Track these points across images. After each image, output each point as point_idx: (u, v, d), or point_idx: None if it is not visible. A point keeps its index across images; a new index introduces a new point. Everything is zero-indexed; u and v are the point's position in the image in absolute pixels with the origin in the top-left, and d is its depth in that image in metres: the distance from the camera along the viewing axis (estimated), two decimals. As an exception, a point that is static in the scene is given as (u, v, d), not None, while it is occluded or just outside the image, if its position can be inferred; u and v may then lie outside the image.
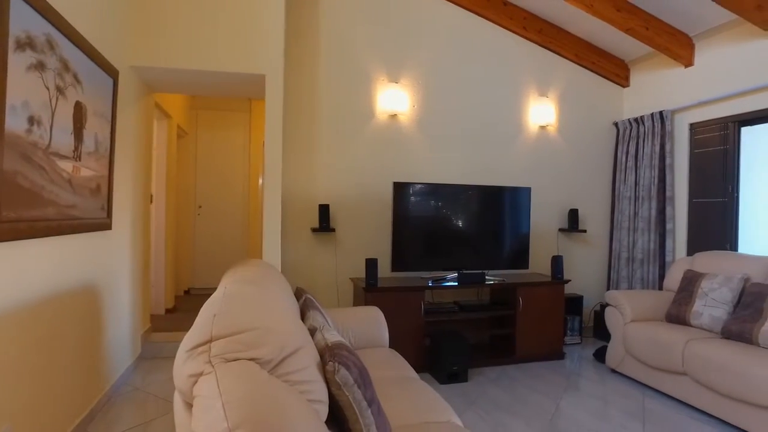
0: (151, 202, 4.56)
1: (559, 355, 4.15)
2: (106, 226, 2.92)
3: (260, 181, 6.42)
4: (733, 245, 4.06)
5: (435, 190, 4.12)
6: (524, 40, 4.74)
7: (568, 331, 4.57)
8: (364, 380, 1.37)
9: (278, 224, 3.54)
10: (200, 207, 6.43)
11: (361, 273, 4.16)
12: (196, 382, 1.04)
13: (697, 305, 3.39)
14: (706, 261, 3.70)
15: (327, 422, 1.32)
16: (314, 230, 4.05)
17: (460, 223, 4.18)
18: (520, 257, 4.30)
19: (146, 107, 3.87)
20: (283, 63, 3.52)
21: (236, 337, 1.11)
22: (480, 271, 4.03)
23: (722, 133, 4.14)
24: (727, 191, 4.09)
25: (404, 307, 3.70)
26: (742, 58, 3.98)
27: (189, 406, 1.10)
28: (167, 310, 5.09)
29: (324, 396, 1.26)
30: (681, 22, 4.23)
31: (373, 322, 2.95)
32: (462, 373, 3.59)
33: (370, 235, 4.26)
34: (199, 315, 1.21)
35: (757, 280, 3.29)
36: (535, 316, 4.05)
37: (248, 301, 1.31)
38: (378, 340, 2.92)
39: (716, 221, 4.18)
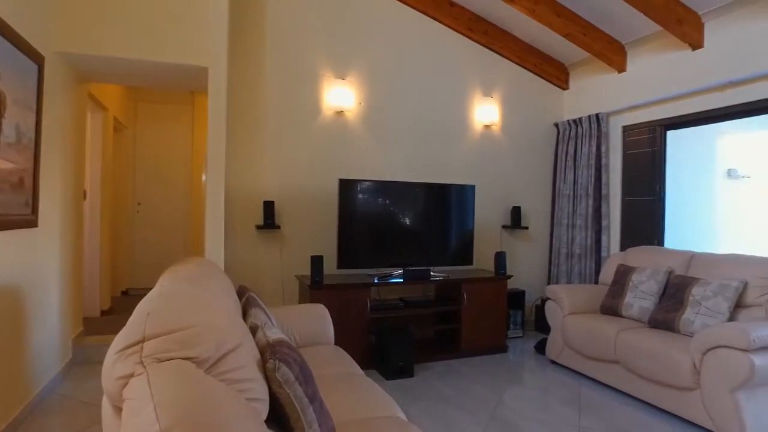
0: (85, 198, 4.31)
1: (503, 349, 4.28)
2: (30, 223, 2.73)
3: (204, 177, 6.22)
4: (660, 241, 4.32)
5: (381, 187, 4.13)
6: (470, 41, 4.84)
7: (511, 325, 4.71)
8: (305, 377, 1.35)
9: (221, 222, 3.44)
10: (139, 204, 6.15)
11: (307, 270, 4.11)
12: (126, 384, 0.99)
13: (628, 297, 3.59)
14: (637, 256, 3.92)
15: (268, 420, 1.30)
16: (259, 228, 3.96)
17: (406, 220, 4.21)
18: (464, 253, 4.39)
19: (78, 97, 3.65)
20: (226, 55, 3.42)
21: (170, 336, 1.06)
22: (425, 268, 4.08)
23: (651, 135, 4.40)
24: (655, 190, 4.35)
25: (350, 304, 3.69)
26: (667, 67, 4.23)
27: (118, 410, 1.04)
28: (102, 312, 4.83)
29: (264, 394, 1.23)
30: (615, 30, 4.45)
31: (318, 320, 2.93)
32: (408, 368, 3.63)
33: (316, 233, 4.22)
34: (132, 314, 1.15)
35: (679, 272, 3.52)
36: (479, 311, 4.15)
37: (185, 300, 1.26)
38: (323, 337, 2.90)
39: (646, 218, 4.43)
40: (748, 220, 6.21)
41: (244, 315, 2.06)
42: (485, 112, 4.87)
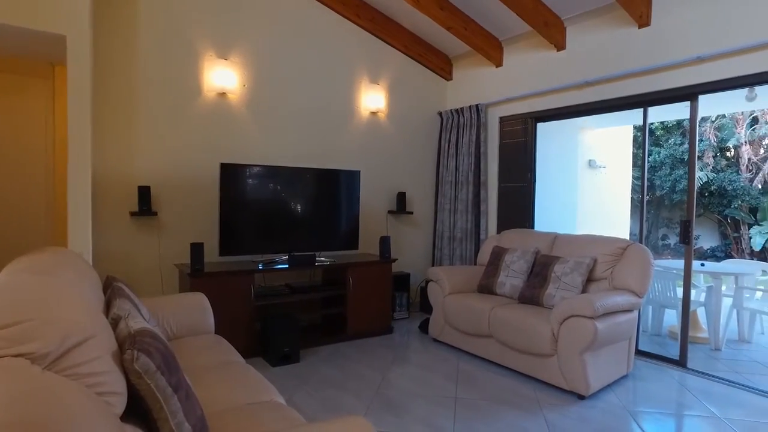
0: None
1: (389, 330, 4.43)
2: None
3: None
4: (530, 224, 4.72)
5: (265, 172, 4.04)
6: (357, 27, 4.86)
7: (397, 307, 4.89)
8: (168, 366, 1.29)
9: (88, 209, 3.14)
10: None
11: (188, 259, 3.91)
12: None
13: (501, 276, 3.89)
14: (510, 238, 4.26)
15: (127, 414, 1.23)
16: (134, 214, 3.68)
17: (291, 206, 4.17)
18: (350, 238, 4.45)
19: None
20: (89, 23, 3.09)
21: (1, 332, 0.96)
22: (311, 253, 4.07)
23: (523, 127, 4.77)
24: (526, 177, 4.73)
25: (233, 291, 3.58)
26: (537, 65, 4.61)
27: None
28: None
29: (120, 387, 1.16)
30: (493, 26, 4.74)
31: (197, 309, 2.81)
32: (294, 354, 3.62)
33: (196, 219, 4.02)
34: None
35: (545, 252, 3.89)
36: (365, 295, 4.24)
37: (24, 292, 1.14)
38: (203, 327, 2.79)
39: (519, 203, 4.81)
40: (603, 205, 7.02)
41: (109, 306, 1.91)
42: (372, 99, 4.94)
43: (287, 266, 3.90)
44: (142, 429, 1.24)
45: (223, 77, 4.04)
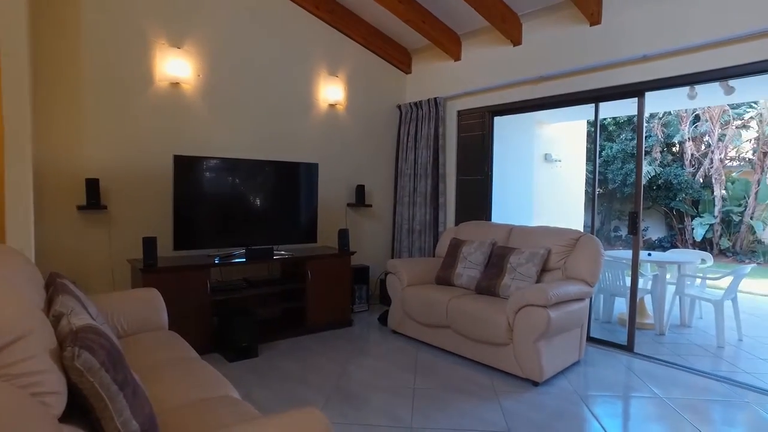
0: None
1: (348, 323, 4.42)
2: None
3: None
4: (488, 216, 4.80)
5: (221, 164, 3.95)
6: (316, 18, 4.79)
7: (357, 300, 4.89)
8: (114, 363, 1.25)
9: (29, 201, 2.97)
10: None
11: (140, 254, 3.78)
12: None
13: (459, 268, 3.94)
14: (467, 230, 4.32)
15: (68, 414, 1.18)
16: (81, 208, 3.52)
17: (248, 199, 4.09)
18: (309, 231, 4.41)
19: None
20: (25, 13, 2.91)
21: None
22: (268, 247, 4.01)
23: (481, 120, 4.84)
24: (483, 170, 4.81)
25: (188, 286, 3.49)
26: (494, 59, 4.68)
27: None
28: None
29: (59, 386, 1.11)
30: (451, 20, 4.77)
31: (149, 305, 2.73)
32: (252, 348, 3.57)
33: (149, 213, 3.88)
34: None
35: (501, 243, 3.97)
36: (324, 288, 4.22)
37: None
38: (155, 323, 2.71)
39: (476, 196, 4.89)
40: (559, 197, 7.23)
41: (51, 304, 1.83)
42: (331, 91, 4.90)
43: (245, 260, 3.83)
44: (84, 429, 1.19)
45: (176, 66, 3.91)
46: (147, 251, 3.39)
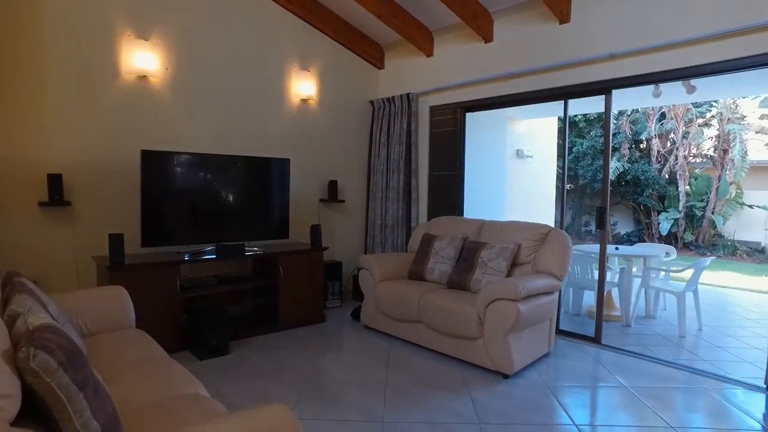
0: None
1: (321, 319, 4.41)
2: None
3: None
4: (460, 211, 4.85)
5: (191, 159, 3.87)
6: (288, 12, 4.73)
7: (330, 296, 4.88)
8: (73, 363, 1.21)
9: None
10: None
11: (107, 251, 3.69)
12: None
13: (431, 263, 3.97)
14: (439, 225, 4.35)
15: (25, 417, 1.15)
16: (43, 205, 3.40)
17: (218, 194, 4.03)
18: (280, 227, 4.38)
19: None
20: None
21: None
22: (239, 243, 3.96)
23: (453, 116, 4.87)
24: (456, 166, 4.85)
25: (157, 284, 3.42)
26: (466, 56, 4.71)
27: None
28: None
29: (12, 389, 1.08)
30: (423, 16, 4.78)
31: (115, 303, 2.68)
32: (223, 346, 3.53)
33: (116, 209, 3.78)
34: None
35: (472, 238, 4.01)
36: (297, 284, 4.19)
37: None
38: (122, 321, 2.66)
39: (449, 191, 4.92)
40: (530, 193, 7.34)
41: (6, 303, 1.76)
42: (303, 86, 4.85)
43: (215, 257, 3.78)
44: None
45: (143, 59, 3.81)
46: (113, 248, 3.30)
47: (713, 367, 3.49)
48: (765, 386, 3.07)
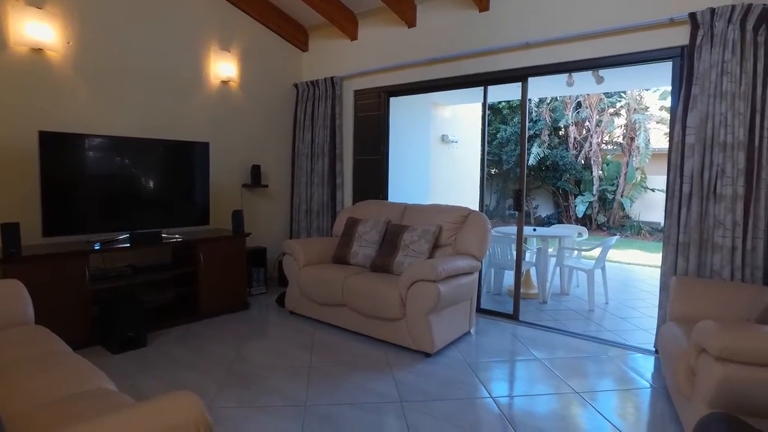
0: None
1: (245, 306, 4.31)
2: None
3: None
4: (384, 195, 4.89)
5: (99, 142, 3.62)
6: (206, -11, 4.51)
7: (254, 282, 4.78)
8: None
9: None
10: None
11: None
12: None
13: (355, 247, 3.99)
14: (363, 209, 4.37)
15: None
16: None
17: (132, 180, 3.80)
18: (201, 214, 4.21)
19: None
20: None
21: None
22: (155, 230, 3.77)
23: (377, 100, 4.88)
24: (380, 150, 4.87)
25: (62, 276, 3.19)
26: (390, 40, 4.72)
27: None
28: None
29: None
30: (347, -2, 4.72)
31: (9, 299, 2.46)
32: (139, 338, 3.36)
33: (12, 196, 3.46)
34: None
35: (395, 221, 4.06)
36: (218, 271, 4.07)
37: None
38: (18, 317, 2.45)
39: (374, 175, 4.95)
40: (456, 177, 7.54)
41: None
42: (223, 68, 4.65)
43: (129, 245, 3.57)
44: None
45: (37, 30, 3.47)
46: (7, 238, 3.03)
47: (616, 336, 3.80)
48: (654, 349, 3.39)
